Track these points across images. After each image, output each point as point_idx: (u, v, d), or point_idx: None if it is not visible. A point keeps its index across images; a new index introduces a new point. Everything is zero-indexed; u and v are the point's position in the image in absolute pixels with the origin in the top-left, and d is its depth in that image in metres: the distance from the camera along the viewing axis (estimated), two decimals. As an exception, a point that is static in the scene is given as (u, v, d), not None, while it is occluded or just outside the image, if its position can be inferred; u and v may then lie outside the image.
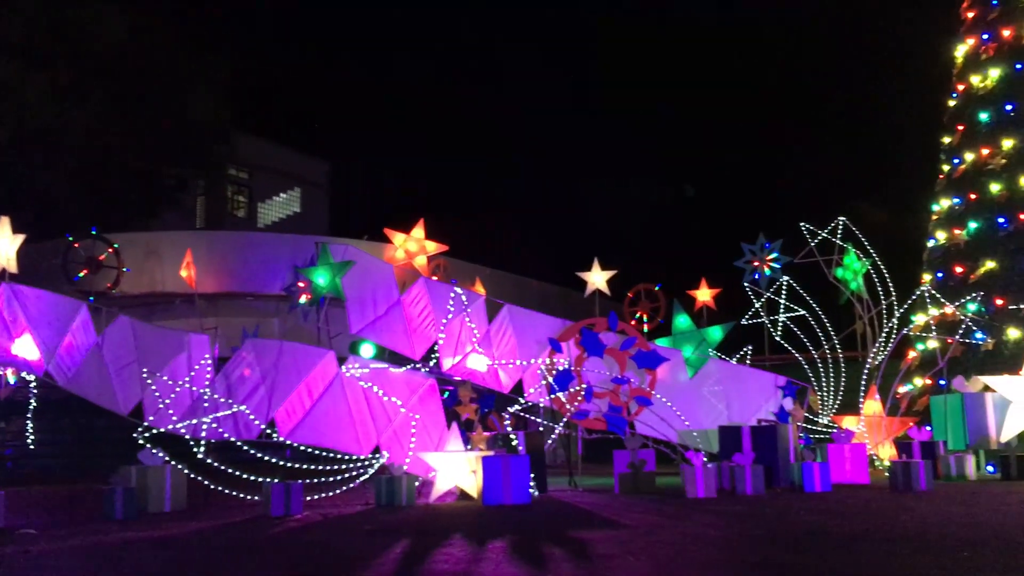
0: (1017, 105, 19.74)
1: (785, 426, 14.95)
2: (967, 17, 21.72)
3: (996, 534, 8.23)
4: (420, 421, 14.17)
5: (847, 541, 8.09)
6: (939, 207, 21.23)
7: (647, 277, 26.96)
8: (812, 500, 12.15)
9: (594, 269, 24.05)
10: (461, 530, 9.41)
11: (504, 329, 16.20)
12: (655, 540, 8.32)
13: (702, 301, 25.62)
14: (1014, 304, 18.17)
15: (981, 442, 16.22)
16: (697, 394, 16.73)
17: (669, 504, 11.92)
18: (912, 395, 19.19)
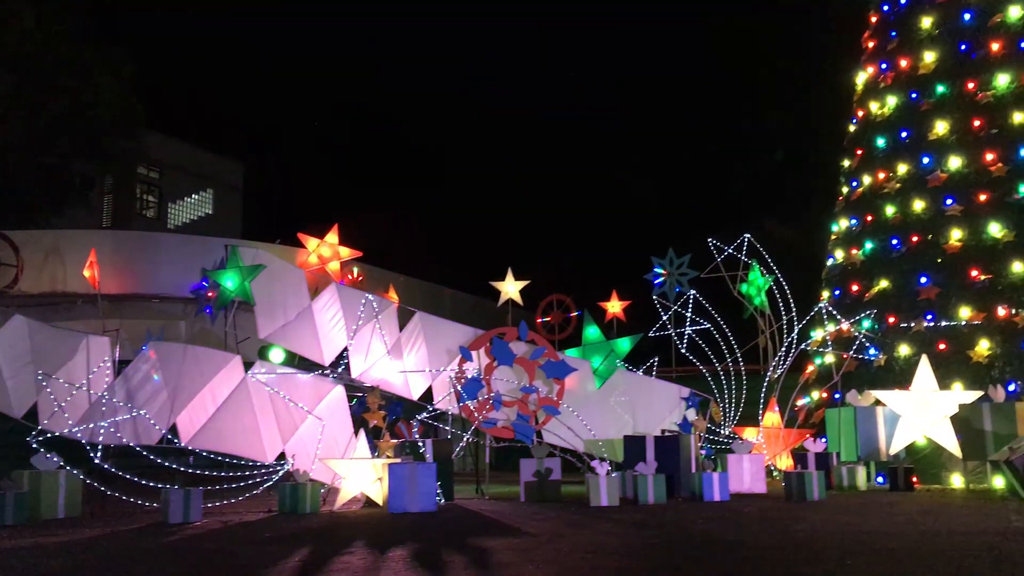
0: (912, 132, 20.65)
1: (688, 436, 15.35)
2: (868, 46, 22.66)
3: (880, 543, 8.62)
4: (327, 427, 14.09)
5: (741, 549, 8.38)
6: (838, 227, 22.06)
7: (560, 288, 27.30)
8: (710, 509, 12.50)
9: (507, 279, 24.28)
10: (363, 538, 9.41)
11: (415, 337, 16.22)
12: (556, 548, 8.47)
13: (612, 313, 26.05)
14: (905, 322, 18.98)
15: (872, 454, 16.89)
16: (604, 404, 17.03)
17: (573, 512, 12.11)
18: (809, 408, 19.88)
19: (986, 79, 20.01)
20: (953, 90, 20.31)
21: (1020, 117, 19.56)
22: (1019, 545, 8.18)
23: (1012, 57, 20.00)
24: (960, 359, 18.03)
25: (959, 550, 8.01)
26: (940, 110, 20.31)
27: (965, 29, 20.57)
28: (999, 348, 17.95)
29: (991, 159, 19.44)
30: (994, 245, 18.83)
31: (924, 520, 10.61)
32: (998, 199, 19.16)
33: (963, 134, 19.89)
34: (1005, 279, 18.47)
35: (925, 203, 19.82)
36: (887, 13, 22.24)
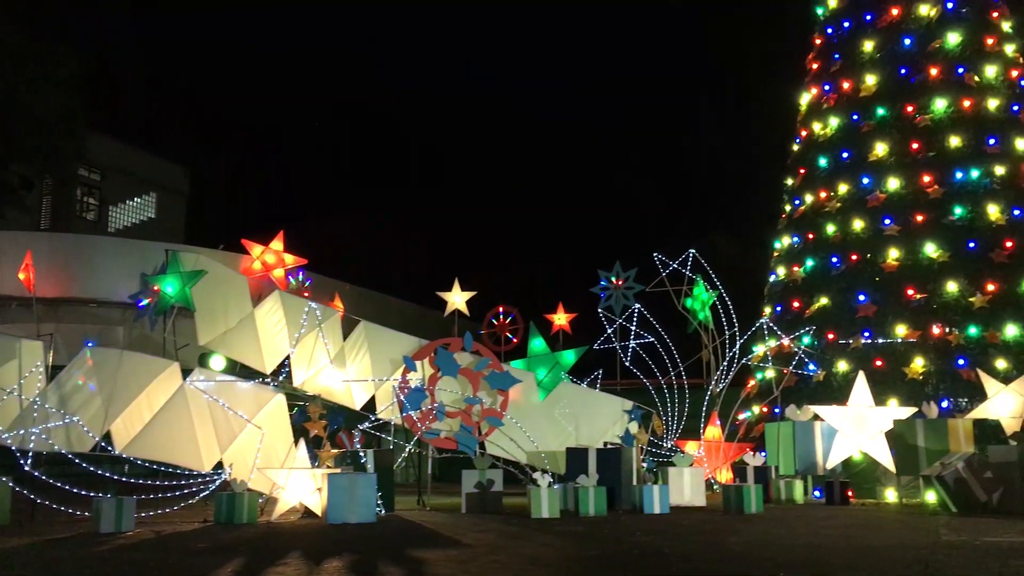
0: (853, 153, 21.13)
1: (630, 449, 15.44)
2: (812, 68, 23.14)
3: (813, 556, 8.74)
4: (266, 436, 13.90)
5: (677, 562, 8.43)
6: (780, 244, 22.44)
7: (507, 299, 27.32)
8: (650, 522, 12.57)
9: (454, 289, 24.20)
10: (299, 549, 9.28)
11: (359, 346, 16.09)
12: (494, 560, 8.44)
13: (558, 325, 26.14)
14: (843, 339, 19.36)
15: (809, 468, 17.16)
16: (548, 416, 17.06)
17: (513, 524, 12.08)
18: (749, 422, 20.13)
19: (924, 103, 20.58)
20: (893, 113, 20.84)
21: (956, 141, 20.13)
22: (948, 559, 8.35)
23: (949, 82, 20.60)
24: (896, 376, 18.43)
25: (890, 563, 8.15)
26: (880, 132, 20.82)
27: (905, 54, 21.13)
28: (933, 365, 18.38)
29: (928, 181, 19.97)
30: (930, 265, 19.31)
31: (857, 534, 10.78)
32: (934, 220, 19.68)
33: (901, 156, 20.41)
34: (940, 298, 18.94)
35: (864, 222, 20.27)
36: (831, 36, 22.76)
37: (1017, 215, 19.49)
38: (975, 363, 17.82)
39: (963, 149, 20.05)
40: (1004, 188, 19.71)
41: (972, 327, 18.52)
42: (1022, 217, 19.49)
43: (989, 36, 21.21)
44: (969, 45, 20.93)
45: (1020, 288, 18.80)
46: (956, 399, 17.86)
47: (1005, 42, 21.47)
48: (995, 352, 18.19)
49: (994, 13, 21.64)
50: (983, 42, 21.07)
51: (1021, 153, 20.26)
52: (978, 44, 21.01)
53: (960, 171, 19.89)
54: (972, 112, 20.37)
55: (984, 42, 21.08)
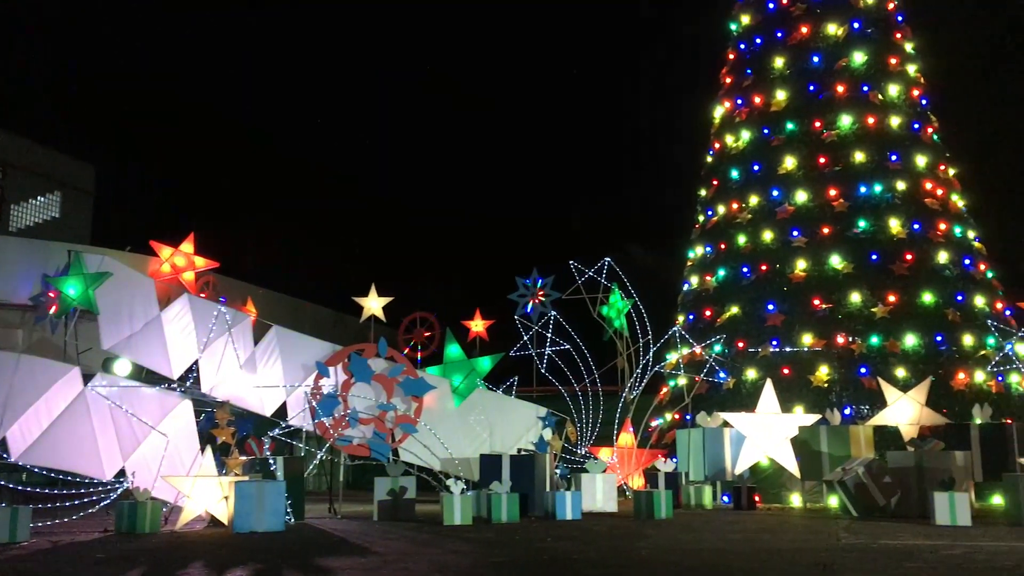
0: (763, 166, 21.68)
1: (543, 456, 15.48)
2: (725, 82, 23.68)
3: (717, 559, 8.90)
4: (171, 443, 13.54)
5: (585, 567, 8.48)
6: (694, 254, 22.87)
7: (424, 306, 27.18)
8: (562, 527, 12.62)
9: (370, 295, 23.97)
10: (202, 558, 9.06)
11: (270, 351, 15.82)
12: (403, 567, 8.37)
13: (475, 332, 26.13)
14: (753, 347, 19.80)
15: (718, 474, 17.49)
16: (462, 423, 17.02)
17: (425, 531, 12.01)
18: (662, 428, 20.43)
19: (831, 119, 21.24)
20: (801, 128, 21.46)
21: (861, 156, 20.82)
22: (845, 561, 8.60)
23: (855, 99, 21.31)
24: (802, 383, 18.94)
25: (790, 566, 8.35)
26: (789, 146, 21.42)
27: (814, 71, 21.79)
28: (837, 374, 18.94)
29: (834, 194, 20.60)
30: (835, 276, 19.91)
31: (761, 537, 11.03)
32: (840, 232, 20.31)
33: (809, 170, 21.03)
34: (844, 308, 19.54)
35: (774, 234, 20.80)
36: (743, 51, 23.33)
37: (917, 229, 20.25)
38: (876, 371, 18.42)
39: (867, 164, 20.76)
40: (905, 203, 20.46)
41: (874, 337, 19.15)
42: (921, 231, 20.26)
43: (892, 56, 22.02)
44: (874, 64, 21.70)
45: (919, 299, 19.52)
46: (858, 406, 18.43)
47: (907, 62, 22.33)
48: (895, 361, 18.83)
49: (897, 34, 22.49)
50: (887, 62, 21.86)
51: (921, 169, 21.07)
52: (882, 63, 21.79)
53: (864, 186, 20.58)
54: (876, 129, 21.11)
55: (888, 62, 21.87)
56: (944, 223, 20.61)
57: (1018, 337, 19.04)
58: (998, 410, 17.44)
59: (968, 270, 20.35)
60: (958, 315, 19.47)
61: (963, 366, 18.90)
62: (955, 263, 20.21)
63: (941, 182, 21.31)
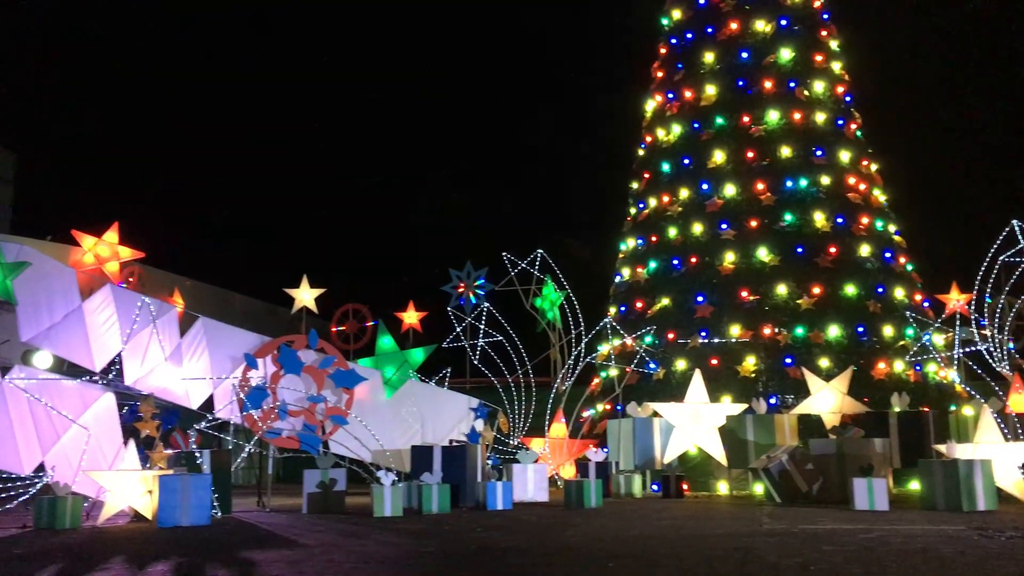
0: (693, 160, 22.00)
1: (475, 447, 15.51)
2: (657, 76, 23.95)
3: (643, 547, 9.03)
4: (93, 437, 13.23)
5: (512, 556, 8.54)
6: (626, 246, 23.12)
7: (357, 297, 27.04)
8: (492, 518, 12.68)
9: (302, 286, 23.68)
10: (124, 553, 8.88)
11: (197, 343, 15.52)
12: (329, 559, 8.32)
13: (409, 323, 26.06)
14: (683, 338, 20.12)
15: (648, 463, 17.74)
16: (394, 414, 16.95)
17: (354, 523, 11.95)
18: (593, 419, 20.63)
19: (759, 114, 21.64)
20: (730, 122, 21.82)
21: (787, 151, 21.26)
22: (766, 545, 8.80)
23: (782, 95, 21.74)
24: (730, 374, 19.30)
25: (713, 551, 8.52)
26: (718, 140, 21.76)
27: (743, 66, 22.16)
28: (763, 364, 19.35)
29: (761, 188, 21.00)
30: (762, 268, 20.31)
31: (687, 524, 11.23)
32: (767, 226, 20.72)
33: (738, 164, 21.40)
34: (771, 300, 19.96)
35: (703, 227, 21.13)
36: (675, 46, 23.61)
37: (840, 223, 20.76)
38: (801, 362, 18.87)
39: (793, 159, 21.21)
40: (829, 197, 20.96)
41: (799, 328, 19.60)
42: (844, 225, 20.77)
43: (818, 53, 22.51)
44: (800, 61, 22.16)
45: (842, 291, 20.02)
46: (783, 396, 18.86)
47: (832, 60, 22.85)
48: (819, 351, 19.31)
49: (823, 32, 22.99)
50: (812, 59, 22.35)
51: (844, 164, 21.60)
52: (808, 60, 22.27)
53: (790, 180, 21.03)
54: (802, 124, 21.57)
55: (813, 59, 22.36)
56: (866, 217, 21.17)
57: (935, 328, 19.68)
58: (916, 399, 18.02)
59: (888, 263, 20.95)
60: (879, 306, 20.04)
61: (883, 356, 19.46)
62: (876, 256, 20.79)
63: (864, 177, 21.88)
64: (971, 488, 12.52)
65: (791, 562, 7.58)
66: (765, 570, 7.20)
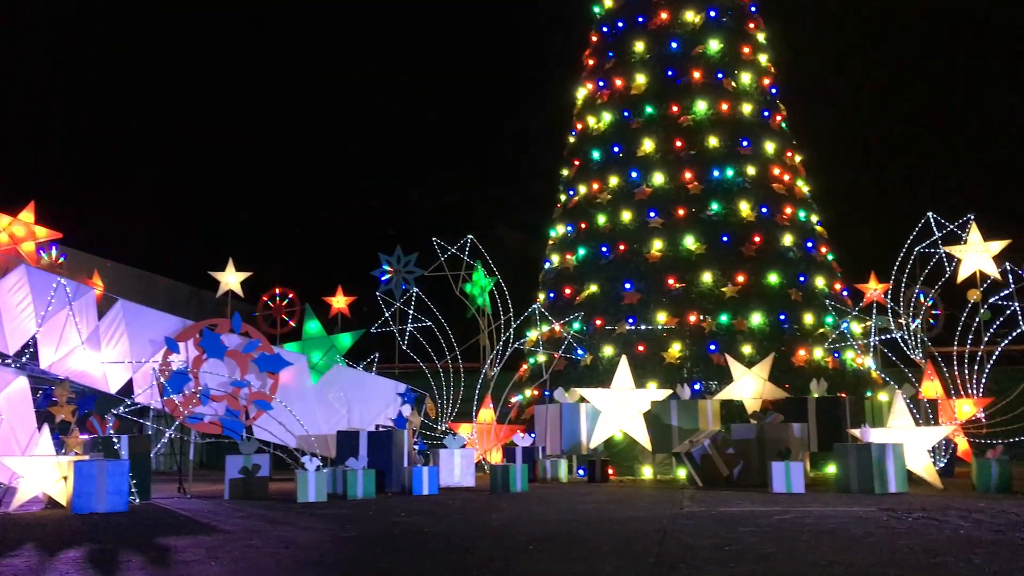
0: (623, 148, 22.16)
1: (401, 432, 15.47)
2: (588, 64, 24.06)
3: (564, 529, 9.13)
4: (5, 422, 12.83)
5: (434, 539, 8.56)
6: (556, 233, 23.23)
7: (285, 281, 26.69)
8: (418, 503, 12.68)
9: (228, 269, 23.30)
10: (36, 540, 8.65)
11: (115, 326, 15.18)
12: (248, 545, 8.23)
13: (337, 308, 25.87)
14: (610, 325, 20.31)
15: (574, 448, 17.91)
16: (320, 399, 16.82)
17: (276, 509, 11.83)
18: (521, 404, 20.73)
19: (687, 104, 21.91)
20: (659, 111, 22.05)
21: (714, 141, 21.57)
22: (685, 527, 8.98)
23: (710, 86, 22.04)
24: (656, 360, 19.56)
25: (632, 533, 8.67)
26: (648, 129, 21.97)
27: (672, 56, 22.39)
28: (688, 351, 19.65)
29: (689, 177, 21.28)
30: (688, 256, 20.60)
31: (609, 507, 11.39)
32: (694, 215, 21.01)
33: (666, 153, 21.64)
34: (697, 288, 20.26)
35: (632, 214, 21.34)
36: (606, 34, 23.75)
37: (764, 212, 21.15)
38: (724, 348, 19.21)
39: (720, 149, 21.52)
40: (754, 187, 21.33)
41: (723, 315, 19.95)
42: (769, 215, 21.18)
43: (746, 45, 22.86)
44: (728, 52, 22.47)
45: (765, 280, 20.43)
46: (707, 382, 19.19)
47: (759, 52, 23.23)
48: (742, 338, 19.68)
49: (750, 24, 23.36)
50: (740, 50, 22.68)
51: (769, 155, 22.01)
52: (736, 52, 22.59)
53: (717, 170, 21.34)
54: (729, 115, 21.89)
55: (741, 50, 22.69)
56: (790, 207, 21.62)
57: (853, 316, 20.23)
58: (834, 385, 18.52)
59: (810, 252, 21.44)
60: (800, 295, 20.51)
61: (803, 343, 19.94)
62: (799, 246, 21.25)
63: (788, 168, 22.33)
64: (883, 471, 12.94)
65: (707, 543, 7.74)
66: (681, 550, 7.35)
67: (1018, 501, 11.42)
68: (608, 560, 7.07)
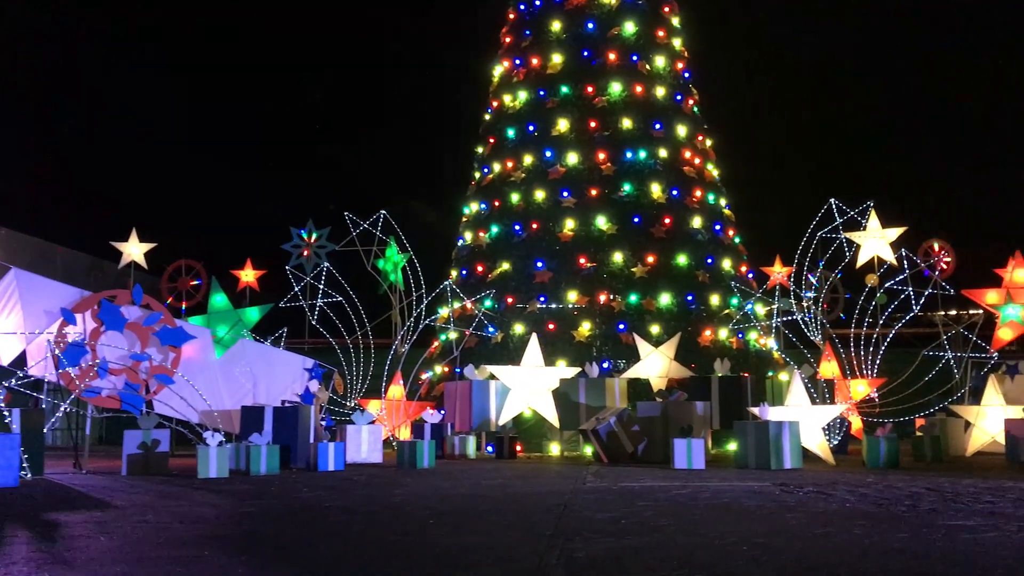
0: (538, 127, 22.24)
1: (308, 407, 15.30)
2: (505, 41, 24.01)
3: (467, 505, 9.17)
4: None
5: (334, 514, 8.49)
6: (469, 210, 23.20)
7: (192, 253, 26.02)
8: (322, 479, 12.56)
9: (131, 240, 22.60)
10: (-88, 517, 8.28)
11: (8, 296, 14.60)
12: (142, 520, 8.03)
13: (245, 281, 25.36)
14: (521, 303, 20.43)
15: (483, 424, 17.99)
16: (224, 374, 16.51)
17: (176, 485, 11.58)
18: (432, 381, 20.72)
19: (602, 85, 22.08)
20: (575, 92, 22.17)
21: (628, 123, 21.81)
22: (585, 501, 9.11)
23: (625, 68, 22.25)
24: (566, 339, 19.77)
25: (533, 507, 8.75)
26: (563, 109, 22.08)
27: (588, 37, 22.51)
28: (598, 329, 19.91)
29: (603, 158, 21.48)
30: (600, 236, 20.83)
31: (514, 483, 11.47)
32: (606, 195, 21.24)
33: (581, 133, 21.79)
34: (607, 267, 20.52)
35: (545, 193, 21.45)
36: (523, 12, 23.72)
37: (675, 195, 21.52)
38: (633, 328, 19.53)
39: (633, 131, 21.78)
40: (666, 169, 21.67)
41: (633, 295, 20.26)
42: (679, 197, 21.55)
43: (660, 29, 23.13)
44: (643, 35, 22.71)
45: (674, 261, 20.81)
46: (616, 360, 19.49)
47: (673, 36, 23.53)
48: (650, 318, 20.03)
49: (665, 8, 23.63)
50: (655, 34, 22.94)
51: (681, 139, 22.36)
52: (650, 35, 22.85)
53: (630, 151, 21.59)
54: (642, 97, 22.15)
55: (656, 34, 22.96)
56: (699, 190, 22.02)
57: (757, 298, 20.77)
58: (737, 364, 19.04)
59: (718, 235, 21.91)
60: (707, 276, 20.96)
61: (709, 324, 20.40)
62: (707, 228, 21.69)
63: (698, 152, 22.73)
64: (779, 448, 13.35)
65: (605, 516, 7.87)
66: (579, 523, 7.45)
67: (904, 476, 11.93)
68: (505, 533, 7.12)
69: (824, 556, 5.87)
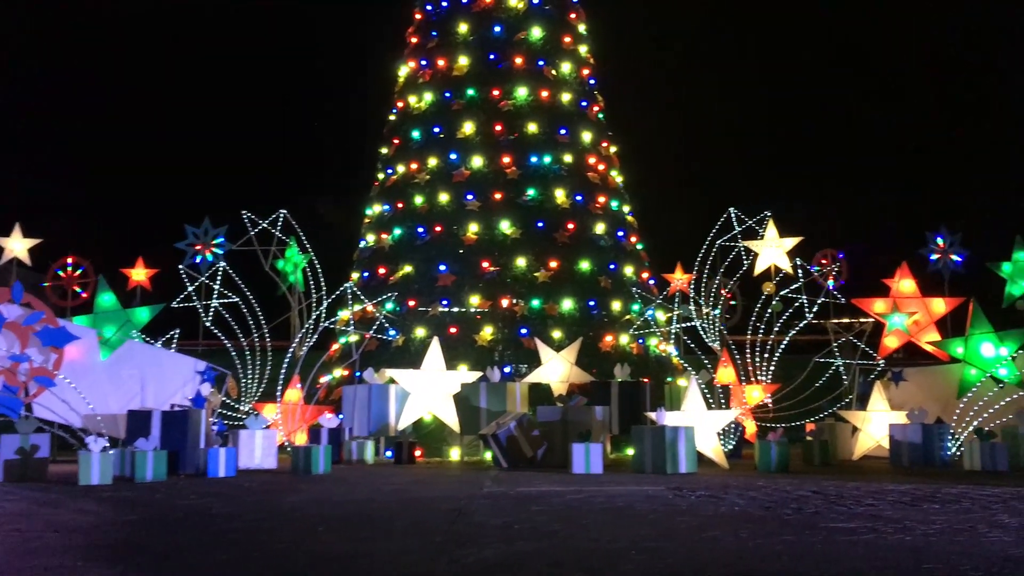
0: (443, 129, 22.09)
1: (198, 411, 14.79)
2: (411, 42, 23.80)
3: (360, 511, 8.97)
4: None
5: (219, 522, 8.18)
6: (372, 212, 22.88)
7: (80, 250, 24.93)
8: (212, 485, 12.16)
9: (14, 234, 21.57)
10: None
11: None
12: (14, 529, 7.61)
13: (136, 280, 24.41)
14: (423, 306, 20.23)
15: (382, 429, 17.73)
16: (111, 376, 15.85)
17: (54, 492, 11.03)
18: (330, 385, 20.32)
19: (509, 89, 22.08)
20: (481, 95, 22.11)
21: (533, 127, 21.86)
22: (480, 506, 9.01)
23: (531, 72, 22.31)
24: (468, 343, 19.65)
25: (428, 512, 8.62)
26: (469, 112, 21.99)
27: (495, 40, 22.50)
28: (500, 334, 19.87)
29: (507, 162, 21.48)
30: (504, 241, 20.81)
31: (412, 488, 11.30)
32: (511, 199, 21.23)
33: (486, 136, 21.74)
34: (510, 272, 20.50)
35: (450, 196, 21.32)
36: (430, 13, 23.56)
37: (579, 200, 21.65)
38: (535, 332, 19.55)
39: (538, 136, 21.83)
40: (570, 175, 21.79)
41: (535, 300, 20.28)
42: (583, 203, 21.69)
43: (567, 35, 23.28)
44: (549, 41, 22.81)
45: (577, 266, 20.93)
46: (517, 365, 19.45)
47: (579, 42, 23.71)
48: (552, 323, 20.09)
49: (572, 14, 23.79)
50: (561, 40, 23.07)
51: (586, 145, 22.53)
52: (557, 41, 22.96)
53: (535, 156, 21.64)
54: (548, 102, 22.24)
55: (562, 40, 23.09)
56: (603, 196, 22.22)
57: (658, 304, 21.05)
58: (637, 370, 19.22)
59: (621, 241, 22.15)
60: (609, 282, 21.14)
61: (611, 329, 20.58)
62: (610, 234, 21.89)
63: (603, 158, 22.93)
64: (675, 452, 13.51)
65: (498, 521, 7.79)
66: (472, 529, 7.35)
67: (792, 480, 12.21)
68: (397, 539, 6.97)
69: (710, 558, 5.91)
